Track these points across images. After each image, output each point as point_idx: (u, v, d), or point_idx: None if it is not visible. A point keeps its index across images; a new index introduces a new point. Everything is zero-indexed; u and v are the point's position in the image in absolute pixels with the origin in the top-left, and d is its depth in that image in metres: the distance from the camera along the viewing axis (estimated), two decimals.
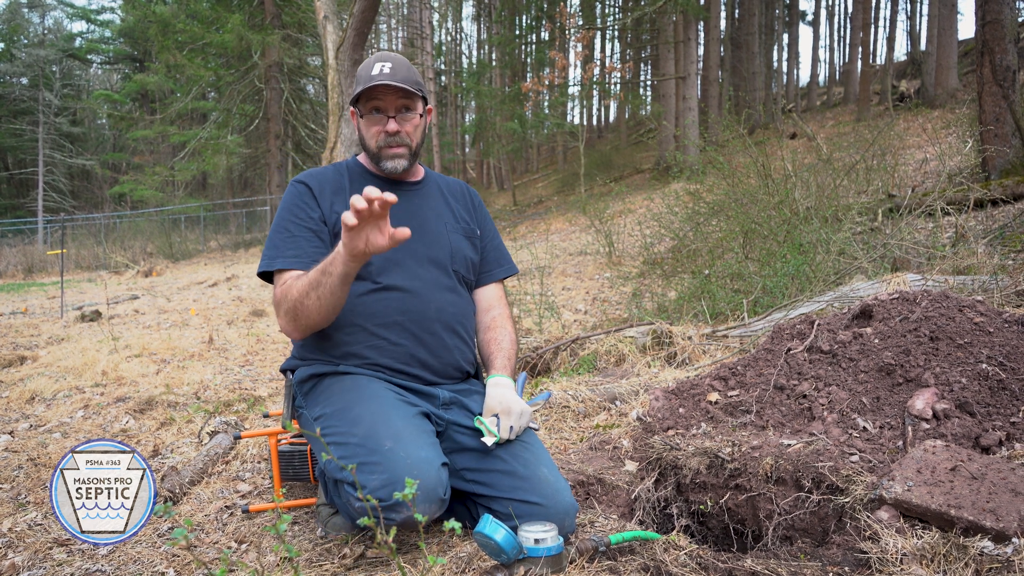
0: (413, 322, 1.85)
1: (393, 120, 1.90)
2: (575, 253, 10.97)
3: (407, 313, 1.85)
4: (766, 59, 27.84)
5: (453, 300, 1.94)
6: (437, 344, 1.88)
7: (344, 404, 1.74)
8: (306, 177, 1.95)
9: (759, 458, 1.93)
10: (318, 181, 1.94)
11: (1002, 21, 7.06)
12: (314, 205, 1.90)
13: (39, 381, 4.22)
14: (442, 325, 1.89)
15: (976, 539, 1.44)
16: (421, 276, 1.89)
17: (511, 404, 1.78)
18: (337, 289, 1.68)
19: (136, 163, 30.57)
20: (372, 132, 1.91)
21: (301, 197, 1.92)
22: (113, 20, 38.47)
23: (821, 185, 5.75)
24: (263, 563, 1.78)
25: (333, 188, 1.94)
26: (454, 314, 1.92)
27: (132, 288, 12.10)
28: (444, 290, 1.92)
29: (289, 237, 1.86)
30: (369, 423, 1.65)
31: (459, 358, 1.93)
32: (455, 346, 1.92)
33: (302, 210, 1.89)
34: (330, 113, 6.94)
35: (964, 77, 17.98)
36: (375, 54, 1.97)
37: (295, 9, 19.84)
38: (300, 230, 1.87)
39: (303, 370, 1.91)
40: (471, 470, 1.77)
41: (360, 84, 1.89)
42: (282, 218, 1.90)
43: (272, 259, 1.86)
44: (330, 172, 1.99)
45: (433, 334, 1.87)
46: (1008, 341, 2.06)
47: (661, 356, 3.64)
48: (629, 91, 25.04)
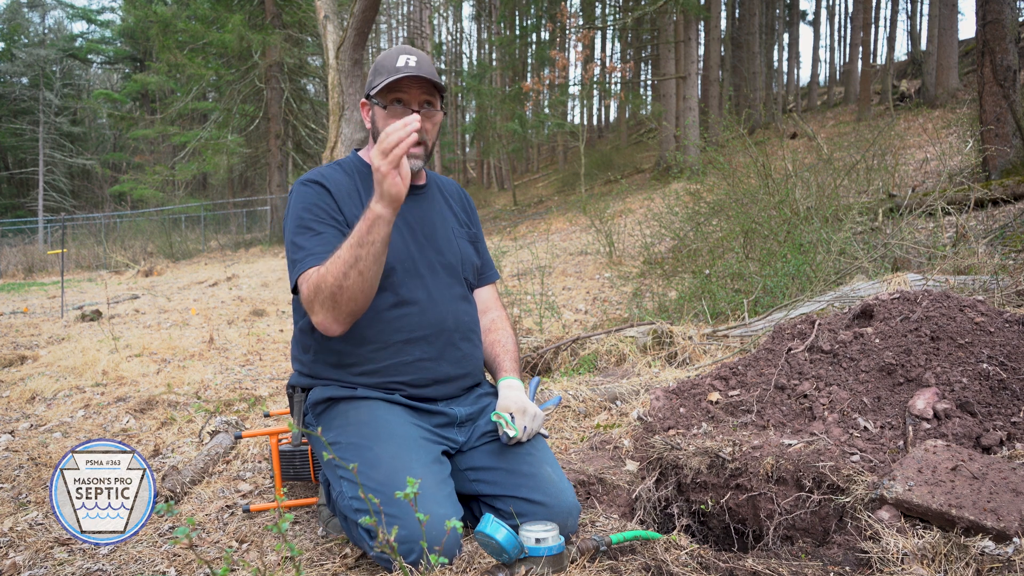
0: (436, 336, 1.81)
1: (418, 116, 1.80)
2: (575, 253, 10.97)
3: (430, 327, 1.81)
4: (766, 59, 27.84)
5: (467, 309, 1.92)
6: (458, 356, 1.86)
7: (361, 438, 1.68)
8: (319, 177, 1.83)
9: (760, 458, 1.93)
10: (333, 183, 1.83)
11: (1003, 21, 7.06)
12: (332, 203, 1.79)
13: (40, 381, 4.22)
14: (460, 336, 1.86)
15: (977, 539, 1.44)
16: (438, 287, 1.85)
17: (526, 405, 1.78)
18: (380, 256, 1.60)
19: (136, 163, 30.58)
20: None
21: (320, 196, 1.80)
22: (113, 20, 38.52)
23: (822, 185, 5.75)
24: (264, 562, 1.78)
25: (347, 191, 1.83)
26: (468, 323, 1.90)
27: (132, 288, 12.10)
28: (459, 299, 1.90)
29: (314, 235, 1.74)
30: (388, 469, 1.60)
31: (476, 367, 1.92)
32: (472, 355, 1.91)
33: (320, 207, 1.78)
34: (330, 113, 6.94)
35: (965, 77, 17.97)
36: (396, 47, 1.85)
37: (295, 9, 19.86)
38: (323, 225, 1.75)
39: (318, 391, 1.83)
40: (475, 469, 1.77)
41: (384, 75, 1.78)
42: (301, 218, 1.77)
43: (302, 261, 1.71)
44: (339, 174, 1.87)
45: (453, 345, 1.85)
46: (1009, 341, 2.06)
47: (662, 356, 3.64)
48: (629, 91, 25.03)
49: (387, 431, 1.69)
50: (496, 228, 17.67)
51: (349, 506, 1.63)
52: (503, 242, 12.86)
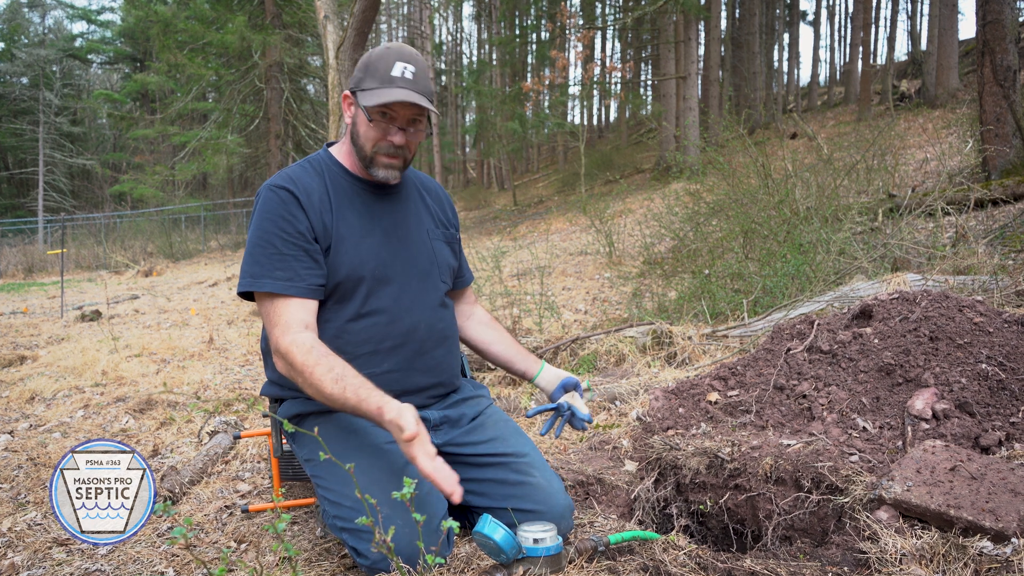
0: (405, 345, 1.75)
1: (401, 133, 1.71)
2: (575, 253, 10.97)
3: (399, 336, 1.74)
4: (767, 59, 27.84)
5: (442, 315, 1.85)
6: (430, 364, 1.80)
7: (332, 453, 1.64)
8: (286, 182, 1.70)
9: (759, 458, 1.93)
10: (303, 188, 1.70)
11: (1003, 21, 7.06)
12: (302, 217, 1.67)
13: (39, 381, 4.23)
14: (433, 343, 1.80)
15: (975, 539, 1.44)
16: (410, 293, 1.77)
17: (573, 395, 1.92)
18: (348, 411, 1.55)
19: (136, 163, 30.58)
20: (373, 136, 1.71)
21: (287, 207, 1.67)
22: (114, 20, 38.56)
23: (821, 185, 5.75)
24: (262, 563, 1.78)
25: (318, 195, 1.72)
26: (442, 329, 1.83)
27: (132, 288, 12.10)
28: (434, 306, 1.82)
29: (277, 255, 1.64)
30: (361, 483, 1.55)
31: (450, 374, 1.87)
32: (445, 362, 1.84)
33: (289, 223, 1.66)
34: (330, 113, 6.94)
35: (965, 77, 17.96)
36: (394, 47, 1.72)
37: (296, 9, 19.85)
38: (289, 247, 1.65)
39: (288, 406, 1.79)
40: (465, 481, 1.75)
41: (376, 81, 1.68)
42: (265, 230, 1.66)
43: (257, 278, 1.64)
44: (309, 176, 1.75)
45: (425, 354, 1.78)
46: (1008, 341, 2.06)
47: (661, 356, 3.64)
48: (629, 91, 25.04)
49: (356, 443, 1.66)
50: (496, 228, 17.67)
51: (334, 525, 1.63)
52: (503, 242, 12.86)
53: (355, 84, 1.74)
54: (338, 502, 1.59)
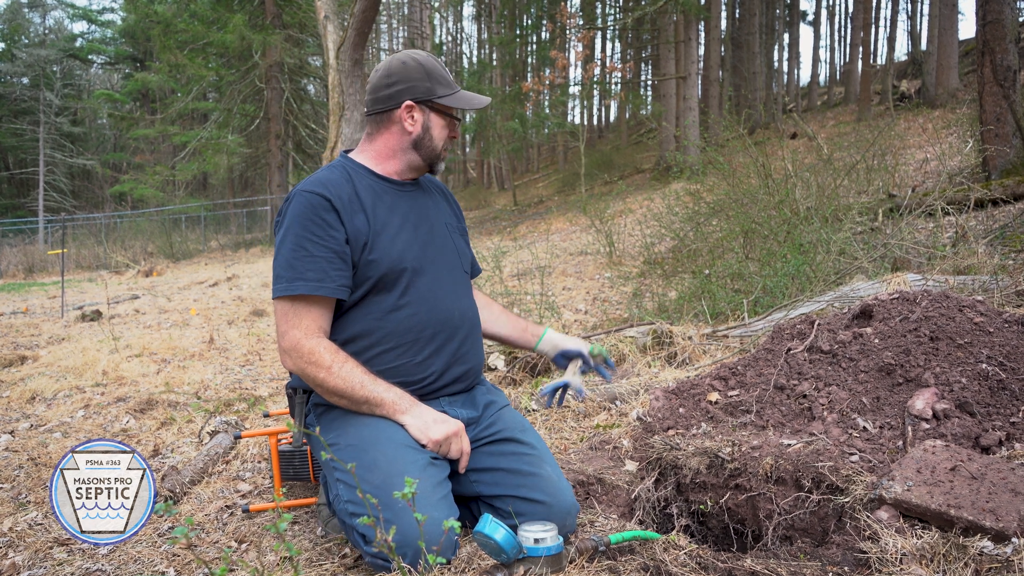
0: (443, 332, 1.82)
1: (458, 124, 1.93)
2: (575, 253, 10.97)
3: (438, 324, 1.81)
4: (767, 59, 27.83)
5: (471, 304, 1.94)
6: (466, 350, 1.88)
7: (360, 440, 1.68)
8: (322, 189, 1.75)
9: (759, 458, 1.93)
10: (337, 194, 1.75)
11: (1003, 21, 7.06)
12: (337, 223, 1.73)
13: (40, 381, 4.23)
14: (467, 330, 1.88)
15: (976, 539, 1.44)
16: (442, 283, 1.85)
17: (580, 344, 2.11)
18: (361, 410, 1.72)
19: (137, 163, 30.60)
20: (446, 135, 1.89)
21: (320, 213, 1.72)
22: (114, 20, 38.53)
23: (821, 185, 5.75)
24: (263, 562, 1.78)
25: (348, 198, 1.78)
26: (472, 318, 1.92)
27: (133, 288, 12.10)
28: (463, 296, 1.91)
29: (308, 257, 1.70)
30: (384, 472, 1.60)
31: (480, 360, 1.95)
32: (475, 350, 1.92)
33: (323, 228, 1.71)
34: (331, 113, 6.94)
35: (965, 77, 17.96)
36: (424, 54, 1.89)
37: (296, 9, 19.87)
38: (321, 250, 1.71)
39: (317, 396, 1.82)
40: (476, 470, 1.77)
41: (445, 87, 1.85)
42: (299, 236, 1.71)
43: (291, 281, 1.69)
44: (342, 181, 1.80)
45: (461, 341, 1.86)
46: (1008, 341, 2.06)
47: (661, 356, 3.64)
48: (629, 91, 25.02)
49: (386, 434, 1.68)
50: (496, 228, 17.67)
51: (345, 509, 1.63)
52: (503, 242, 12.85)
53: (426, 94, 1.84)
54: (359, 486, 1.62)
